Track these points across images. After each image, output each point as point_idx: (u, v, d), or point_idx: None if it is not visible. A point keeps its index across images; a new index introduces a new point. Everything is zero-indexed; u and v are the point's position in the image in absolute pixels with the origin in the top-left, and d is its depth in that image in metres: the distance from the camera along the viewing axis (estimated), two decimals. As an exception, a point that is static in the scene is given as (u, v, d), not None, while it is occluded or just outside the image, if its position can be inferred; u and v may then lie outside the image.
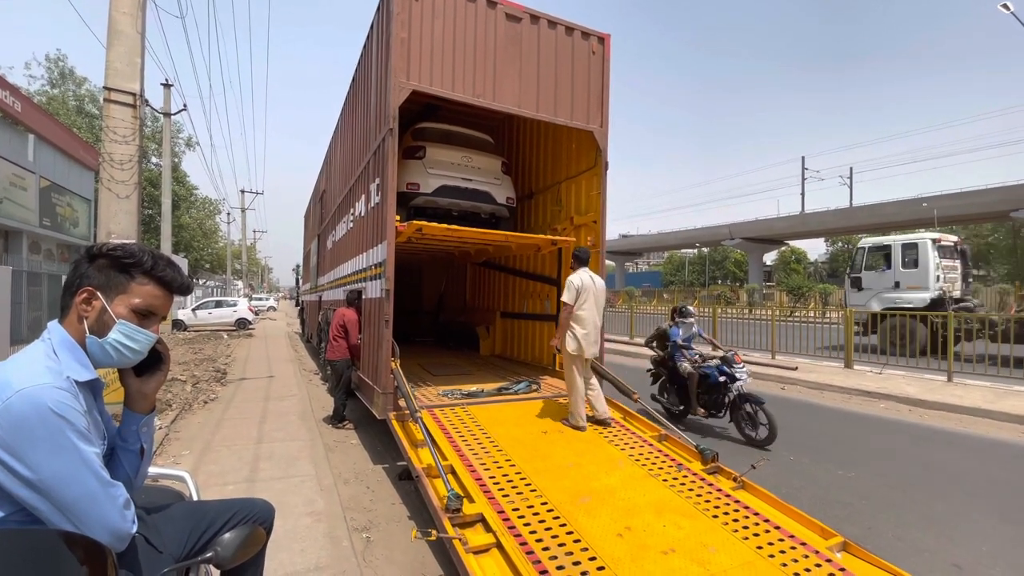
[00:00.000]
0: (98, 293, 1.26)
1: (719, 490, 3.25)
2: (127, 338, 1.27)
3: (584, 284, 4.47)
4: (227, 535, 1.28)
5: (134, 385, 1.40)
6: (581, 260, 4.65)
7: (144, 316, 1.30)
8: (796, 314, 16.85)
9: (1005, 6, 19.19)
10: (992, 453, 5.25)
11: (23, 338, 10.71)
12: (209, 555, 1.27)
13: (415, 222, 5.12)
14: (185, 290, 1.39)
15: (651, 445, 4.02)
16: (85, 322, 1.25)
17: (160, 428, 5.44)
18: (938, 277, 11.38)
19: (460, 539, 2.53)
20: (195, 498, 1.82)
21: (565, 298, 4.46)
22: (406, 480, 4.15)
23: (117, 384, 4.74)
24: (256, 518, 1.62)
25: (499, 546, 2.56)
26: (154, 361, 1.42)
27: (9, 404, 1.05)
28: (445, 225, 5.32)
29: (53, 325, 1.26)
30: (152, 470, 1.80)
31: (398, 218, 4.68)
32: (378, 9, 5.04)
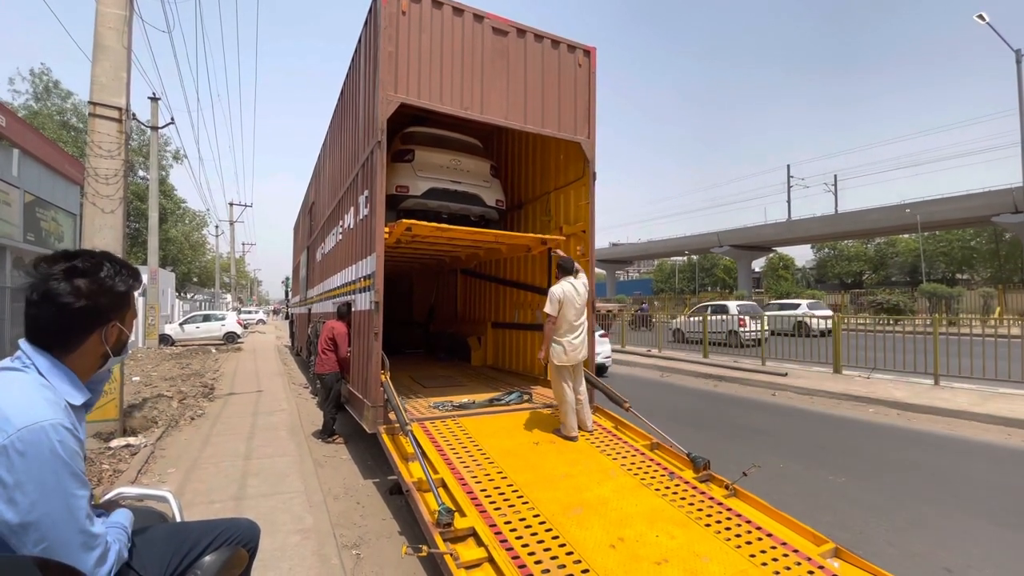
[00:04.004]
0: (115, 322, 1.33)
1: (711, 498, 3.25)
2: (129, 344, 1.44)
3: (567, 294, 4.47)
4: (207, 558, 1.26)
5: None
6: (565, 270, 4.66)
7: None
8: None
9: (980, 16, 19.84)
10: (979, 455, 5.31)
11: (6, 355, 10.48)
12: (190, 578, 1.25)
13: (404, 221, 5.07)
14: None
15: (643, 454, 4.01)
16: (107, 346, 1.32)
17: (145, 446, 5.34)
18: None
19: (451, 554, 2.50)
20: (178, 519, 1.78)
21: (547, 310, 4.46)
22: (397, 495, 4.09)
23: (99, 403, 4.65)
24: (239, 539, 1.59)
25: (491, 560, 2.53)
26: None
27: (10, 443, 1.04)
28: (435, 224, 5.30)
29: (28, 348, 1.23)
30: (134, 490, 1.79)
31: (387, 229, 4.66)
32: (366, 23, 5.07)
